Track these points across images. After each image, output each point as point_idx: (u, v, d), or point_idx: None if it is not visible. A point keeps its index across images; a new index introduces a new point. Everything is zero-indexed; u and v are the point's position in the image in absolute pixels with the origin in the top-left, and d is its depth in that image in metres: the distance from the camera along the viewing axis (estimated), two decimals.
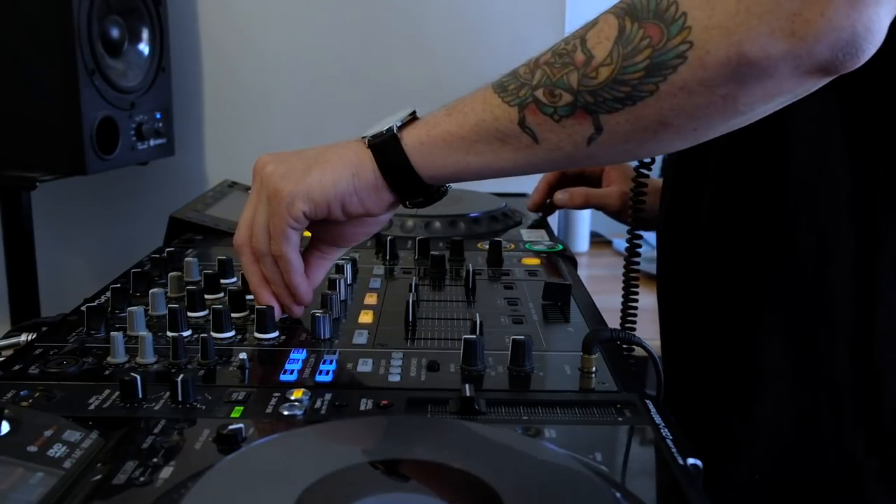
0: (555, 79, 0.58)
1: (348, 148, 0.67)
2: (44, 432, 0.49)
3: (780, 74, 0.52)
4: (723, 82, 0.53)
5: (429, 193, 0.68)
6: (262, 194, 0.68)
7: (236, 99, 1.53)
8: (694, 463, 0.48)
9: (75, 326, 0.70)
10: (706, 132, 0.58)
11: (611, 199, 1.03)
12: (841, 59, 0.52)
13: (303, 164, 0.67)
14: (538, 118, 0.59)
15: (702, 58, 0.53)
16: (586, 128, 0.58)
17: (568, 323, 0.74)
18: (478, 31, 1.48)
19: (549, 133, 0.60)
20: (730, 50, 0.52)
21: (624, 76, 0.55)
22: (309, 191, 0.65)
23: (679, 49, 0.53)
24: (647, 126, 0.57)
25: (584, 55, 0.57)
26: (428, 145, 0.64)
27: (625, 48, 0.55)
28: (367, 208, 0.67)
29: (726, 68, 0.52)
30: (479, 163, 0.63)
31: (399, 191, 0.67)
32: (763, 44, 0.51)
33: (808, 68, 0.52)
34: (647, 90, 0.55)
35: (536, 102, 0.59)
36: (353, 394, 0.57)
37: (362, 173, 0.66)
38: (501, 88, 0.61)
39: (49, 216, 1.49)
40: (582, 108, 0.57)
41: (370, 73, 1.51)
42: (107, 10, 1.23)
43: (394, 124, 0.65)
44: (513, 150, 0.62)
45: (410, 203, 0.68)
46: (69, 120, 1.15)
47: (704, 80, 0.53)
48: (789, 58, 0.51)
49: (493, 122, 0.61)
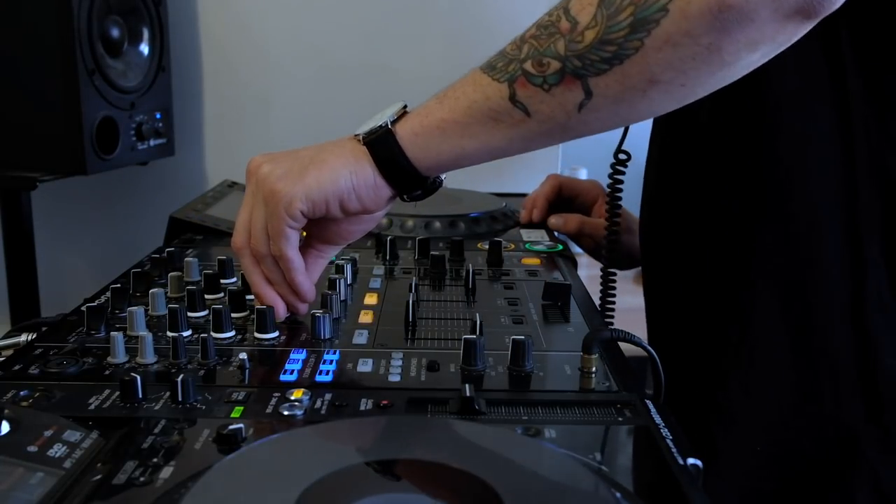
0: (542, 49, 0.59)
1: (343, 146, 0.68)
2: (44, 432, 0.49)
3: (760, 18, 0.53)
4: (705, 31, 0.54)
5: (426, 186, 0.68)
6: (258, 196, 0.68)
7: (236, 99, 1.53)
8: (694, 463, 0.48)
9: (75, 326, 0.70)
10: (695, 87, 0.58)
11: (603, 230, 1.03)
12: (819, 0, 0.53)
13: (298, 164, 0.67)
14: (528, 90, 0.60)
15: (683, 8, 0.54)
16: (576, 93, 0.59)
17: (568, 323, 0.74)
18: (478, 29, 1.48)
19: (540, 104, 0.60)
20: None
21: (609, 35, 0.56)
22: (307, 190, 0.65)
23: (660, 2, 0.54)
24: (635, 85, 0.57)
25: (568, 22, 0.58)
26: (422, 135, 0.64)
27: (608, 9, 0.56)
28: (365, 205, 0.67)
29: (708, 16, 0.53)
30: (474, 145, 0.64)
31: (397, 185, 0.67)
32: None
33: (786, 11, 0.53)
34: (633, 47, 0.56)
35: (525, 74, 0.60)
36: (353, 394, 0.57)
37: (360, 171, 0.66)
38: (490, 68, 0.62)
39: (49, 216, 1.49)
40: (570, 74, 0.58)
41: (370, 72, 1.51)
42: (107, 10, 1.23)
43: (387, 119, 0.65)
44: (507, 128, 0.62)
45: (408, 197, 0.69)
46: (69, 120, 1.15)
47: (688, 31, 0.54)
48: (768, 1, 0.52)
49: (485, 102, 0.62)
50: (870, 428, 0.71)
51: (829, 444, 0.72)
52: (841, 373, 0.72)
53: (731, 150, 0.75)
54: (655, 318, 0.89)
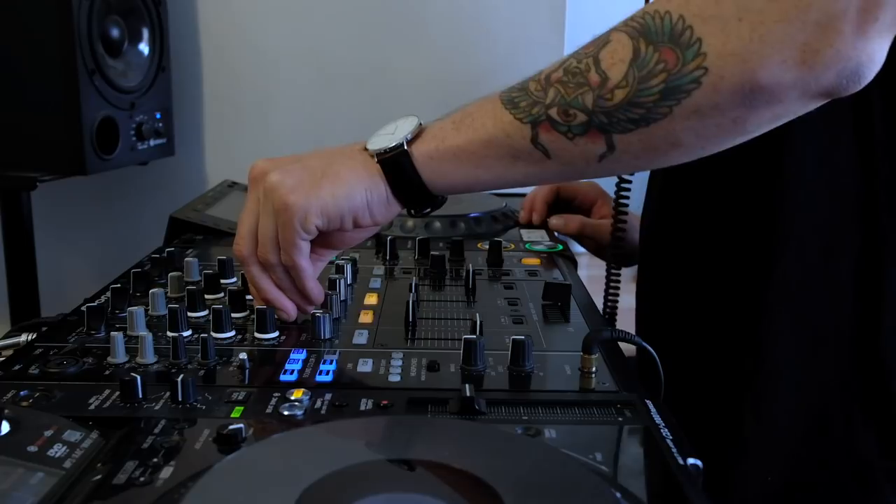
0: (569, 98, 0.58)
1: (355, 160, 0.67)
2: (44, 432, 0.49)
3: (788, 99, 0.54)
4: (734, 107, 0.55)
5: (435, 202, 0.68)
6: (267, 205, 0.66)
7: (236, 99, 1.53)
8: (694, 463, 0.48)
9: (75, 326, 0.70)
10: (713, 149, 0.60)
11: (605, 230, 1.03)
12: (845, 84, 0.54)
13: (310, 175, 0.66)
14: (551, 136, 0.60)
15: (716, 83, 0.54)
16: (599, 146, 0.59)
17: (568, 323, 0.74)
18: (478, 30, 1.48)
19: (562, 150, 0.60)
20: (743, 77, 0.53)
21: (639, 99, 0.56)
22: (323, 206, 0.65)
23: (694, 74, 0.54)
24: (658, 146, 0.58)
25: (598, 76, 0.57)
26: (438, 160, 0.64)
27: (640, 71, 0.56)
28: (377, 220, 0.68)
29: (739, 94, 0.54)
30: (489, 176, 0.64)
31: (408, 202, 0.67)
32: (775, 72, 0.53)
33: (813, 94, 0.55)
34: (662, 113, 0.56)
35: (550, 121, 0.60)
36: (353, 394, 0.57)
37: (374, 188, 0.66)
38: (512, 104, 0.62)
39: (49, 216, 1.49)
40: (596, 128, 0.58)
41: (370, 72, 1.51)
42: (107, 11, 1.23)
43: (403, 139, 0.65)
44: (524, 165, 0.62)
45: (416, 213, 0.69)
46: (69, 120, 1.15)
47: (717, 105, 0.55)
48: (798, 84, 0.53)
49: (505, 139, 0.62)
50: (883, 459, 0.70)
51: (842, 475, 0.71)
52: (853, 403, 0.71)
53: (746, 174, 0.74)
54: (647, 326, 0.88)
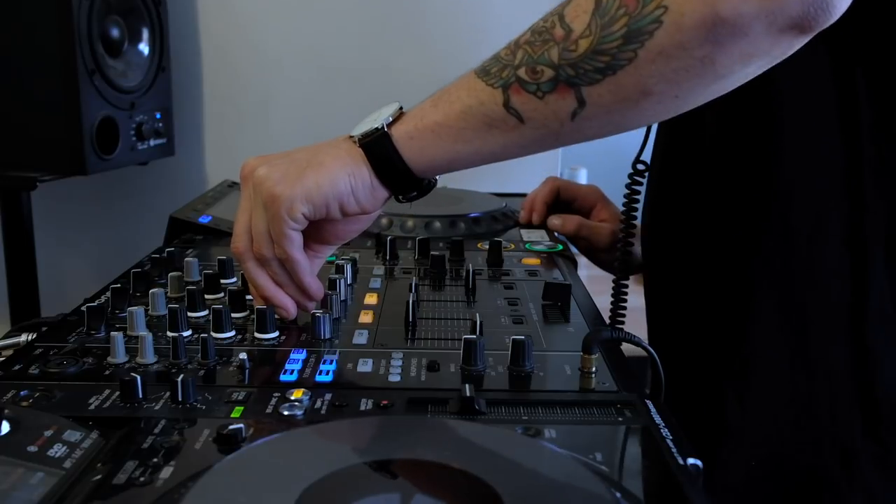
0: (536, 56, 0.59)
1: (339, 147, 0.68)
2: (44, 432, 0.49)
3: (754, 32, 0.53)
4: (699, 44, 0.54)
5: (421, 187, 0.68)
6: (257, 200, 0.67)
7: (236, 99, 1.53)
8: (694, 463, 0.48)
9: (75, 326, 0.70)
10: (688, 98, 0.58)
11: (602, 233, 1.04)
12: (812, 14, 0.53)
13: (295, 167, 0.67)
14: (522, 97, 0.60)
15: (677, 21, 0.54)
16: (569, 102, 0.59)
17: (568, 323, 0.74)
18: (478, 29, 1.48)
19: (533, 111, 0.60)
20: (704, 10, 0.53)
21: (603, 46, 0.56)
22: (307, 193, 0.65)
23: (654, 14, 0.54)
24: (628, 96, 0.57)
25: (563, 30, 0.58)
26: (417, 138, 0.64)
27: (602, 18, 0.56)
28: (363, 206, 0.68)
29: (701, 29, 0.53)
30: (468, 150, 0.64)
31: (392, 186, 0.67)
32: (736, 2, 0.52)
33: (780, 25, 0.53)
34: (626, 58, 0.56)
35: (519, 81, 0.60)
36: (353, 394, 0.57)
37: (357, 173, 0.66)
38: (484, 73, 0.62)
39: (49, 216, 1.49)
40: (564, 82, 0.58)
41: (370, 72, 1.51)
42: (107, 11, 1.23)
43: (383, 122, 0.65)
44: (500, 133, 0.62)
45: (404, 198, 0.69)
46: (69, 120, 1.15)
47: (681, 43, 0.54)
48: (762, 15, 0.52)
49: (479, 107, 0.62)
50: (867, 443, 0.70)
51: (826, 459, 0.71)
52: (839, 386, 0.71)
53: (734, 159, 0.74)
54: (656, 324, 0.89)
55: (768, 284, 0.73)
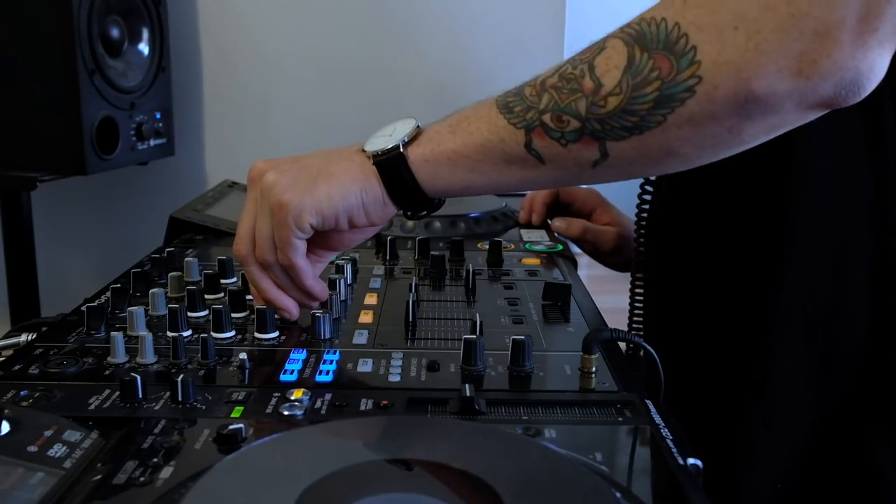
0: (563, 104, 0.58)
1: (352, 160, 0.67)
2: (44, 432, 0.49)
3: (784, 110, 0.54)
4: (729, 116, 0.54)
5: (431, 206, 0.68)
6: (263, 205, 0.67)
7: (236, 99, 1.53)
8: (694, 463, 0.48)
9: (75, 326, 0.70)
10: (709, 159, 0.59)
11: (606, 237, 1.03)
12: (843, 95, 0.53)
13: (306, 175, 0.66)
14: (545, 142, 0.60)
15: (710, 92, 0.54)
16: (592, 153, 0.59)
17: (568, 323, 0.74)
18: (478, 31, 1.48)
19: (555, 156, 0.60)
20: (738, 86, 0.53)
21: (633, 106, 0.56)
22: (317, 204, 0.65)
23: (688, 83, 0.54)
24: (652, 154, 0.58)
25: (592, 82, 0.57)
26: (433, 163, 0.64)
27: (634, 78, 0.55)
28: (372, 220, 0.67)
29: (734, 103, 0.53)
30: (483, 181, 0.64)
31: (404, 205, 0.67)
32: (770, 81, 0.52)
33: (810, 104, 0.54)
34: (655, 121, 0.56)
35: (543, 127, 0.59)
36: (353, 394, 0.57)
37: (369, 188, 0.65)
38: (507, 109, 0.61)
39: (49, 216, 1.49)
40: (589, 135, 0.58)
41: (370, 72, 1.51)
42: (107, 10, 1.23)
43: (399, 141, 0.65)
44: (518, 170, 0.62)
45: (412, 215, 0.69)
46: (69, 120, 1.15)
47: (712, 114, 0.54)
48: (795, 95, 0.53)
49: (499, 144, 0.61)
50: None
51: (855, 485, 0.71)
52: (865, 412, 0.70)
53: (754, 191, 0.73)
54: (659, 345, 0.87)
55: (791, 310, 0.72)
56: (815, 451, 0.72)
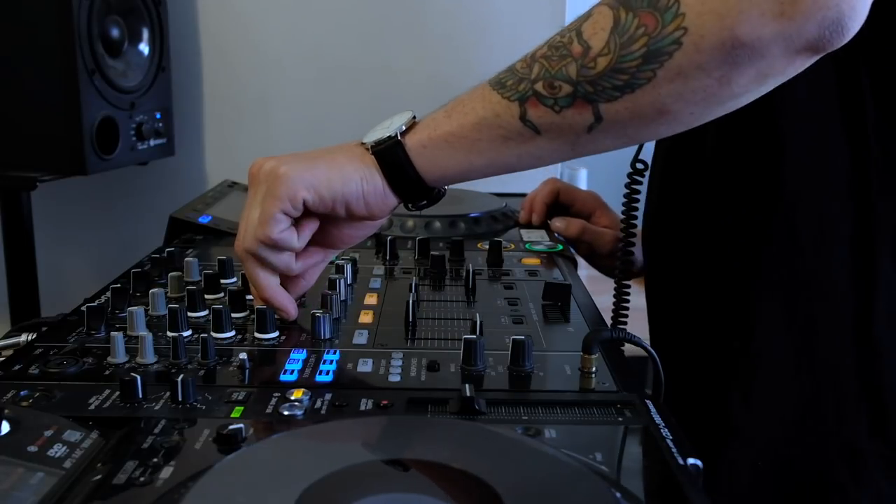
0: (553, 71, 0.59)
1: (352, 151, 0.67)
2: (44, 432, 0.49)
3: (771, 54, 0.54)
4: (717, 65, 0.54)
5: (431, 196, 0.68)
6: (259, 194, 0.66)
7: (236, 99, 1.53)
8: (694, 463, 0.48)
9: (75, 326, 0.70)
10: (702, 115, 0.59)
11: (604, 239, 1.03)
12: (828, 36, 0.53)
13: (307, 157, 0.67)
14: (539, 111, 0.60)
15: (696, 42, 0.54)
16: (586, 116, 0.59)
17: (568, 323, 0.74)
18: (478, 29, 1.48)
19: (550, 124, 0.60)
20: (723, 33, 0.53)
21: (622, 64, 0.56)
22: (315, 181, 0.65)
23: (674, 35, 0.54)
24: (645, 113, 0.58)
25: (581, 46, 0.58)
26: (430, 148, 0.64)
27: (621, 37, 0.56)
28: (372, 211, 0.67)
29: (720, 51, 0.54)
30: (482, 161, 0.64)
31: (403, 194, 0.67)
32: (754, 25, 0.53)
33: (797, 47, 0.54)
34: (645, 77, 0.56)
35: (536, 95, 0.60)
36: (353, 394, 0.57)
37: (369, 177, 0.66)
38: (500, 85, 0.62)
39: (49, 216, 1.49)
40: (582, 98, 0.58)
41: (370, 72, 1.50)
42: (107, 10, 1.23)
43: (396, 130, 0.65)
44: (515, 145, 0.62)
45: (413, 206, 0.69)
46: (69, 120, 1.15)
47: (700, 64, 0.55)
48: (780, 38, 0.53)
49: (495, 119, 0.62)
50: (874, 444, 0.70)
51: (832, 460, 0.71)
52: (845, 387, 0.71)
53: (737, 162, 0.74)
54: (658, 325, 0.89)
55: (773, 287, 0.73)
56: (794, 426, 0.73)
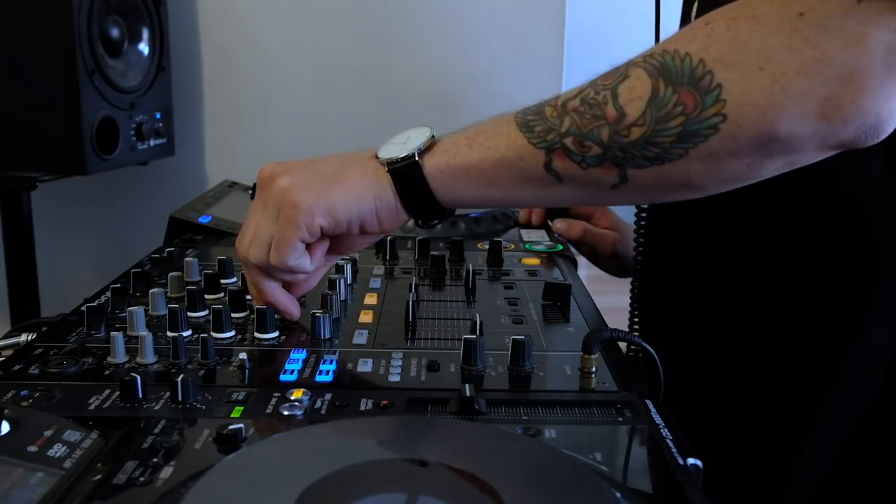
0: (585, 130, 0.58)
1: (366, 166, 0.66)
2: (44, 432, 0.49)
3: (805, 149, 0.54)
4: (750, 154, 0.55)
5: (444, 214, 0.68)
6: (271, 206, 0.66)
7: (236, 99, 1.53)
8: (694, 463, 0.48)
9: (75, 326, 0.70)
10: (722, 190, 0.60)
11: (606, 241, 1.03)
12: (863, 139, 0.54)
13: (320, 178, 0.65)
14: (565, 163, 0.60)
15: (734, 131, 0.54)
16: (612, 177, 0.59)
17: (568, 323, 0.74)
18: (478, 31, 1.48)
19: (574, 177, 0.60)
20: (762, 127, 0.53)
21: (656, 139, 0.56)
22: (331, 207, 0.64)
23: (712, 120, 0.54)
24: (671, 183, 0.58)
25: (615, 111, 0.57)
26: (448, 175, 0.64)
27: (658, 111, 0.55)
28: (384, 228, 0.67)
29: (756, 143, 0.54)
30: (499, 195, 0.64)
31: (416, 214, 0.67)
32: (794, 124, 0.53)
33: (830, 145, 0.55)
34: (677, 154, 0.56)
35: (565, 149, 0.59)
36: (353, 394, 0.57)
37: (384, 196, 0.65)
38: (527, 128, 0.61)
39: (49, 216, 1.49)
40: (611, 161, 0.58)
41: (370, 72, 1.51)
42: (107, 10, 1.23)
43: (415, 151, 0.64)
44: (535, 188, 0.62)
45: (423, 224, 0.68)
46: (69, 120, 1.15)
47: (733, 151, 0.55)
48: (817, 137, 0.53)
49: (518, 162, 0.61)
50: None
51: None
52: None
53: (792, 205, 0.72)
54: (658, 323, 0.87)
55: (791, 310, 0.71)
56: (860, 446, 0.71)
